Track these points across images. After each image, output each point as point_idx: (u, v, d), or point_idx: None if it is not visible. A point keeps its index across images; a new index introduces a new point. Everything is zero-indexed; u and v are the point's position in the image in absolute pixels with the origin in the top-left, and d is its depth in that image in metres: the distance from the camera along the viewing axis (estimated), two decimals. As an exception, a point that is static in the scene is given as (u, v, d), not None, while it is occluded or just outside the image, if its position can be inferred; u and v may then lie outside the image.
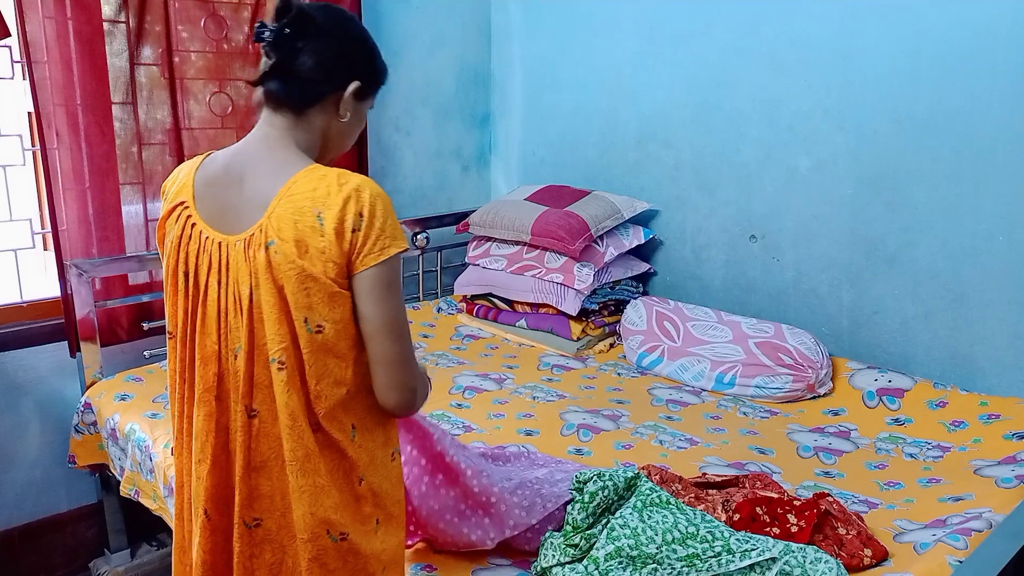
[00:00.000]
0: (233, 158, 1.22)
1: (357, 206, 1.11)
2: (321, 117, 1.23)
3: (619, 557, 1.36)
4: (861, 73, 2.39)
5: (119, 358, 2.49)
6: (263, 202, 1.15)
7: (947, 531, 1.57)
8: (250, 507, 1.20)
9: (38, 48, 2.22)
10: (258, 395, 1.17)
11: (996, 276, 2.20)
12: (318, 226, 1.11)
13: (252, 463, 1.19)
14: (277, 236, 1.12)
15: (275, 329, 1.13)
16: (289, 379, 1.14)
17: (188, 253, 1.20)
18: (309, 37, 1.18)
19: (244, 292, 1.15)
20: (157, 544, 2.55)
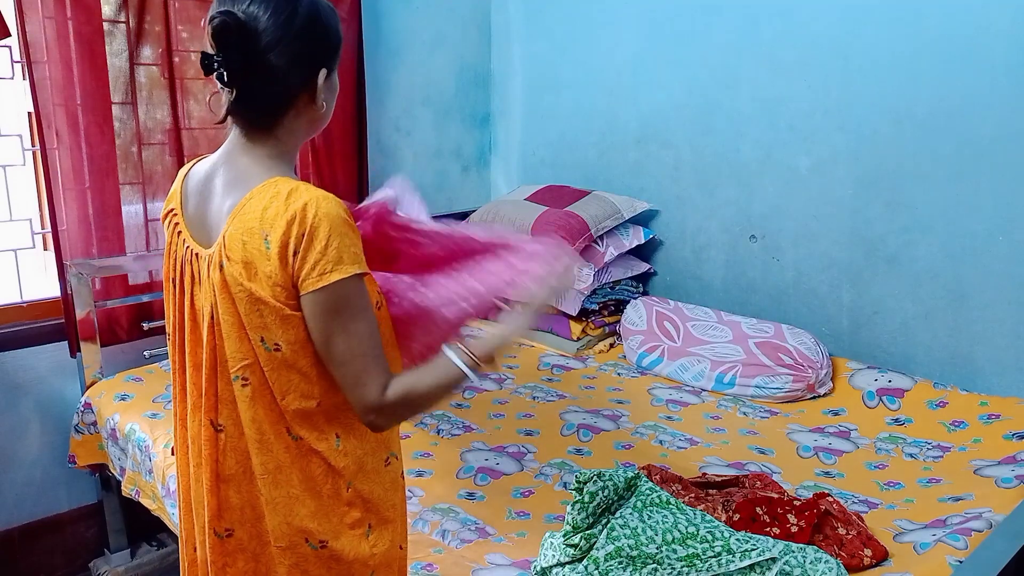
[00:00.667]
0: (211, 167, 1.19)
1: (300, 228, 1.04)
2: (298, 118, 1.16)
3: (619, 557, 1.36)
4: (861, 73, 2.39)
5: (119, 358, 2.49)
6: (221, 219, 1.12)
7: (947, 531, 1.57)
8: (220, 518, 1.19)
9: (38, 48, 2.22)
10: (223, 410, 1.15)
11: (996, 276, 2.20)
12: (264, 250, 1.06)
13: (221, 475, 1.18)
14: (228, 257, 1.09)
15: (236, 347, 1.12)
16: (254, 395, 1.13)
17: (176, 260, 1.20)
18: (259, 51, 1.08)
19: (207, 312, 1.14)
20: (157, 544, 2.55)
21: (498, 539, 1.65)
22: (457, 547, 1.61)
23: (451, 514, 1.74)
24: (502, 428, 2.16)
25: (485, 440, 2.09)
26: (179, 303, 1.20)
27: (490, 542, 1.63)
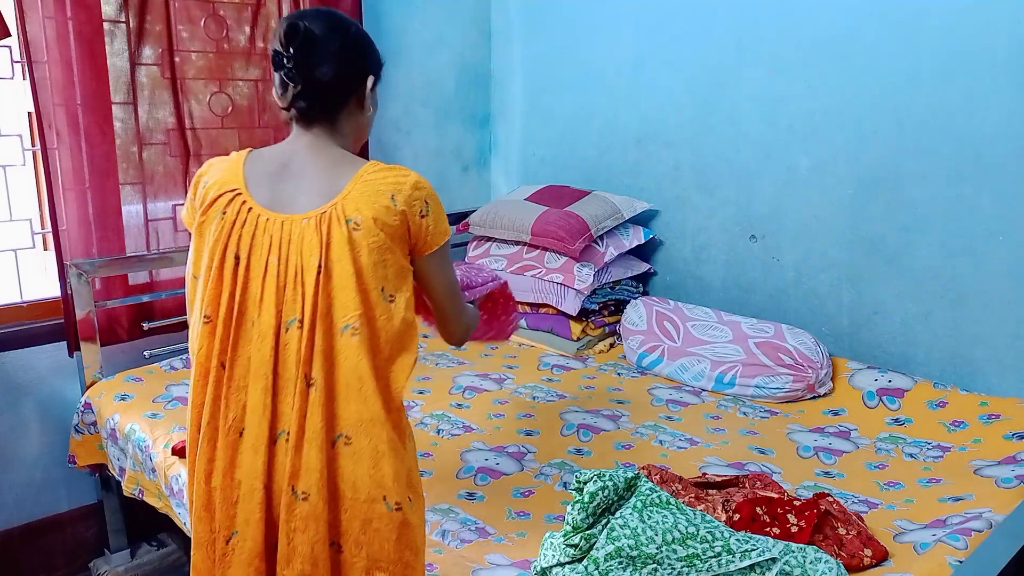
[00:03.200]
0: (283, 155, 1.33)
1: (422, 192, 1.29)
2: (350, 117, 1.37)
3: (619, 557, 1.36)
4: (861, 73, 2.39)
5: (119, 358, 2.49)
6: (328, 190, 1.27)
7: (947, 531, 1.57)
8: (298, 478, 1.22)
9: (38, 48, 2.22)
10: (316, 362, 1.22)
11: (996, 276, 2.20)
12: (391, 206, 1.26)
13: (305, 433, 1.23)
14: (356, 213, 1.24)
15: (351, 297, 1.23)
16: (362, 344, 1.23)
17: (242, 236, 1.27)
18: (320, 53, 1.28)
19: (310, 264, 1.23)
20: (157, 544, 2.55)
21: (498, 539, 1.65)
22: (457, 547, 1.61)
23: (451, 514, 1.74)
24: (502, 428, 2.16)
25: (485, 440, 2.09)
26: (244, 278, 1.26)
27: (490, 542, 1.63)
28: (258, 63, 2.70)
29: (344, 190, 1.27)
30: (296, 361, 1.23)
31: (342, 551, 1.25)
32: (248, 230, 1.27)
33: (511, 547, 1.62)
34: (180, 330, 2.60)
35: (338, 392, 1.23)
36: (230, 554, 1.27)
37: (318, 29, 1.28)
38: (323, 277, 1.23)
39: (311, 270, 1.23)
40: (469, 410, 2.26)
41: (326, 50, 1.29)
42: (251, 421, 1.25)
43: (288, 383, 1.24)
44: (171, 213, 2.58)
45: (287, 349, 1.24)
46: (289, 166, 1.31)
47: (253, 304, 1.26)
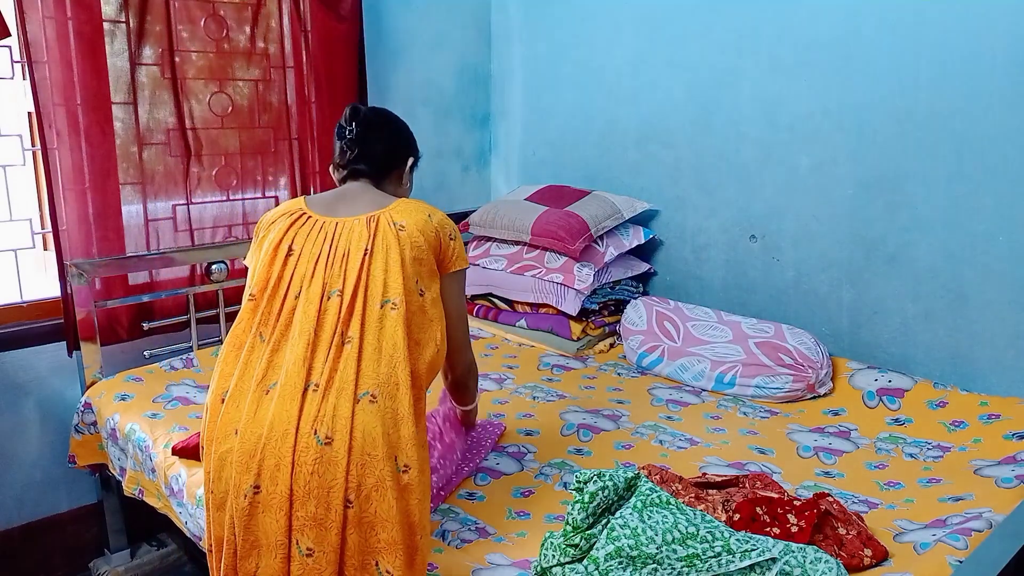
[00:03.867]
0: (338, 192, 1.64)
1: (450, 226, 1.59)
2: (390, 185, 1.69)
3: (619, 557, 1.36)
4: (861, 73, 2.39)
5: (119, 358, 2.49)
6: (376, 205, 1.57)
7: (947, 531, 1.57)
8: (322, 423, 1.34)
9: (38, 48, 2.22)
10: (355, 324, 1.42)
11: (996, 276, 2.21)
12: (429, 223, 1.54)
13: (335, 384, 1.37)
14: (402, 220, 1.52)
15: (394, 279, 1.46)
16: (399, 318, 1.44)
17: (297, 234, 1.54)
18: (375, 133, 1.65)
19: (358, 247, 1.49)
20: (157, 544, 2.55)
21: (498, 539, 1.65)
22: (457, 547, 1.61)
23: (451, 514, 1.74)
24: (504, 428, 2.16)
25: (485, 440, 2.09)
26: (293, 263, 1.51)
27: (490, 542, 1.63)
28: (258, 63, 2.70)
29: (391, 205, 1.57)
30: (334, 323, 1.42)
31: (351, 505, 1.33)
32: (305, 229, 1.54)
33: (511, 547, 1.62)
34: (180, 330, 2.61)
35: (370, 354, 1.40)
36: (258, 504, 1.33)
37: (374, 115, 1.67)
38: (368, 259, 1.47)
39: (358, 251, 1.48)
40: (469, 410, 2.26)
41: (379, 130, 1.66)
42: (289, 372, 1.39)
43: (324, 342, 1.41)
44: (171, 213, 2.58)
45: (327, 314, 1.43)
46: (345, 196, 1.62)
47: (300, 281, 1.47)
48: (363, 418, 1.35)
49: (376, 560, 1.34)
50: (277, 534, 1.33)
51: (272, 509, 1.33)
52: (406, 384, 1.40)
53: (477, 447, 1.99)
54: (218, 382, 1.46)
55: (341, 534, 1.32)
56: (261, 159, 2.75)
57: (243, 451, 1.36)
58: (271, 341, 1.44)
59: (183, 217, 2.61)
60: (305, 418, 1.35)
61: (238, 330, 1.49)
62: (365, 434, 1.34)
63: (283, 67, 2.75)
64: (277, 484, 1.32)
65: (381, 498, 1.33)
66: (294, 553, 1.32)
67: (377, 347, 1.41)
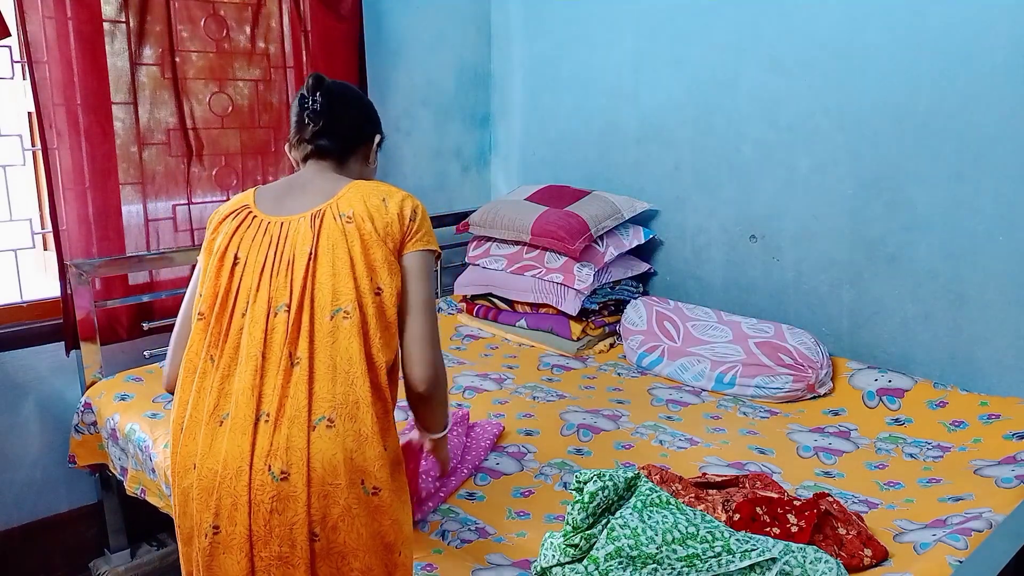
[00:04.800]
0: (289, 181, 1.49)
1: (412, 204, 1.41)
2: (355, 164, 1.54)
3: (619, 557, 1.36)
4: (861, 73, 2.39)
5: (119, 358, 2.49)
6: (324, 196, 1.40)
7: (947, 531, 1.57)
8: (277, 457, 1.24)
9: (38, 48, 2.22)
10: (302, 344, 1.29)
11: (996, 276, 2.21)
12: (383, 206, 1.38)
13: (287, 413, 1.26)
14: (349, 209, 1.36)
15: (344, 284, 1.31)
16: (353, 328, 1.29)
17: (243, 239, 1.38)
18: (341, 106, 1.50)
19: (302, 251, 1.34)
20: (157, 544, 2.55)
21: (498, 539, 1.65)
22: (457, 547, 1.61)
23: (451, 514, 1.74)
24: (502, 428, 2.16)
25: (485, 440, 2.09)
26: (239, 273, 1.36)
27: (490, 542, 1.63)
28: (258, 63, 2.70)
29: (339, 193, 1.40)
30: (282, 342, 1.28)
31: (318, 539, 1.24)
32: (251, 233, 1.38)
33: (511, 547, 1.62)
34: (180, 330, 2.60)
35: (323, 374, 1.27)
36: (218, 544, 1.25)
37: (338, 86, 1.52)
38: (312, 264, 1.32)
39: (303, 256, 1.33)
40: (469, 410, 2.26)
41: (346, 103, 1.51)
42: (239, 403, 1.27)
43: (273, 365, 1.28)
44: (171, 213, 2.58)
45: (275, 332, 1.30)
46: (294, 186, 1.46)
47: (247, 295, 1.33)
48: (320, 446, 1.24)
49: None
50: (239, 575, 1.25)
51: (233, 550, 1.24)
52: (367, 401, 1.27)
53: (476, 447, 1.98)
54: (176, 410, 1.36)
55: (311, 569, 1.24)
56: (261, 159, 2.75)
57: (201, 488, 1.27)
58: (220, 366, 1.31)
59: (183, 217, 2.61)
60: (258, 452, 1.24)
61: (191, 353, 1.36)
62: (324, 463, 1.24)
63: (283, 67, 2.75)
64: (236, 524, 1.24)
65: (349, 527, 1.25)
66: None
67: (331, 365, 1.27)
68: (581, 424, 2.18)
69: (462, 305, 3.08)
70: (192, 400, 1.32)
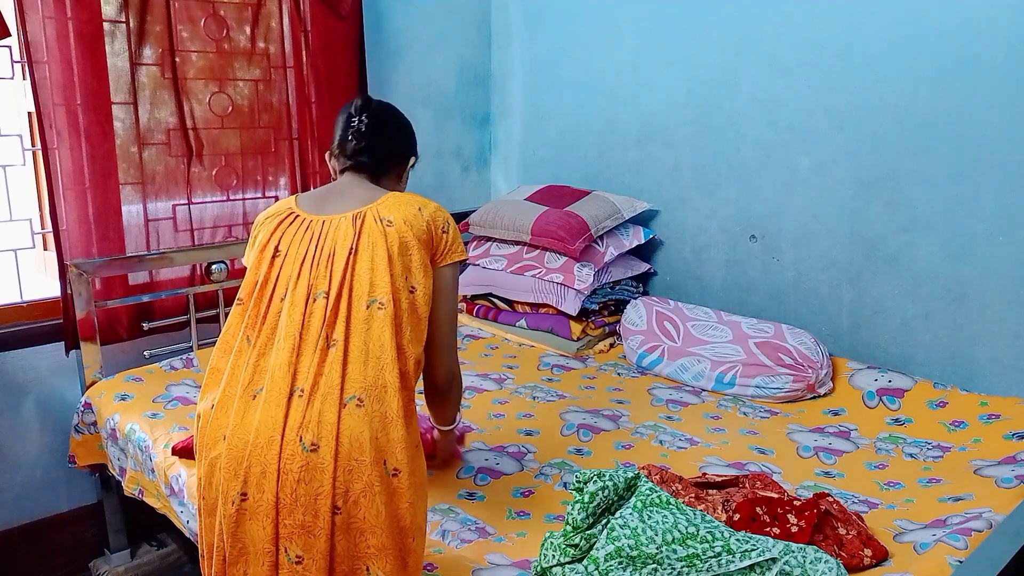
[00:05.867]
0: (329, 187, 1.61)
1: (445, 216, 1.54)
2: (388, 182, 1.64)
3: (619, 557, 1.36)
4: (861, 73, 2.39)
5: (119, 358, 2.49)
6: (363, 201, 1.51)
7: (947, 531, 1.57)
8: (308, 429, 1.31)
9: (38, 48, 2.22)
10: (340, 327, 1.38)
11: (996, 276, 2.20)
12: (419, 215, 1.49)
13: (321, 389, 1.34)
14: (389, 214, 1.47)
15: (381, 279, 1.41)
16: (386, 319, 1.39)
17: (284, 234, 1.50)
18: (383, 128, 1.62)
19: (343, 246, 1.44)
20: (157, 544, 2.55)
21: (498, 539, 1.65)
22: (457, 547, 1.61)
23: (451, 514, 1.74)
24: (502, 428, 2.16)
25: (485, 440, 2.09)
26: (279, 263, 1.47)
27: (490, 542, 1.63)
28: (258, 63, 2.70)
29: (378, 200, 1.52)
30: (320, 326, 1.38)
31: (339, 512, 1.30)
32: (292, 229, 1.50)
33: (511, 547, 1.62)
34: (180, 330, 2.61)
35: (356, 356, 1.36)
36: (245, 511, 1.32)
37: (382, 109, 1.65)
38: (353, 258, 1.43)
39: (343, 251, 1.43)
40: (469, 410, 2.26)
41: (387, 125, 1.64)
42: (274, 377, 1.36)
43: (310, 346, 1.38)
44: (171, 213, 2.58)
45: (313, 317, 1.39)
46: (333, 192, 1.57)
47: (287, 283, 1.44)
48: (350, 423, 1.32)
49: (367, 565, 1.32)
50: (264, 541, 1.31)
51: (259, 516, 1.31)
52: (394, 386, 1.36)
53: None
54: (207, 386, 1.45)
55: (330, 541, 1.30)
56: (261, 159, 2.75)
57: (231, 457, 1.34)
58: (257, 345, 1.41)
59: (183, 217, 2.61)
60: (291, 425, 1.32)
61: (227, 335, 1.47)
62: (352, 439, 1.31)
63: (283, 67, 2.75)
64: (264, 492, 1.30)
65: (369, 503, 1.31)
66: (282, 560, 1.31)
67: (364, 349, 1.37)
68: (581, 424, 2.18)
69: (462, 305, 3.08)
70: (226, 377, 1.41)
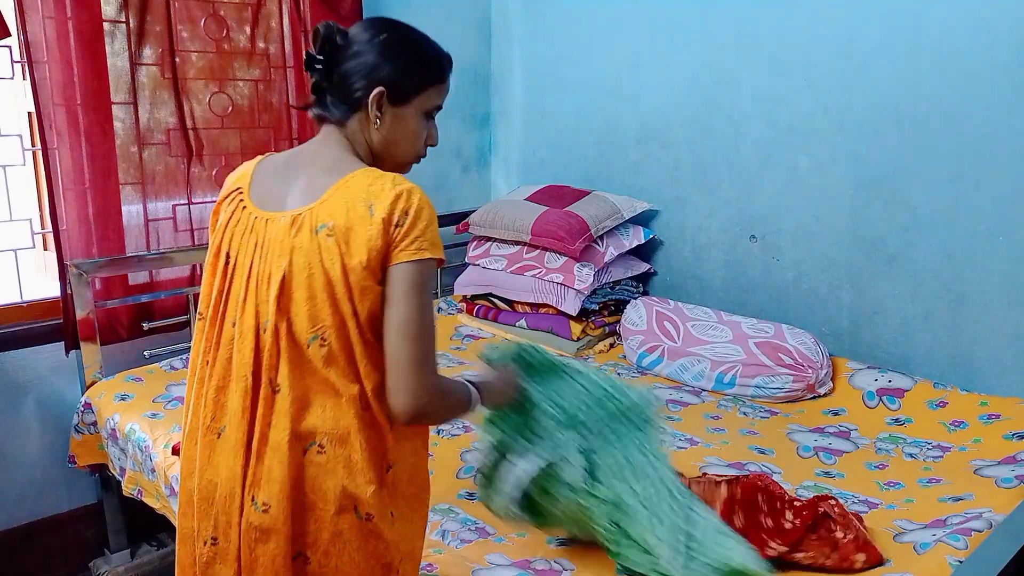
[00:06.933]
0: (293, 155, 1.31)
1: (405, 205, 1.17)
2: (359, 125, 1.28)
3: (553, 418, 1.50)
4: (861, 73, 2.39)
5: (119, 358, 2.49)
6: (316, 190, 1.21)
7: (947, 531, 1.57)
8: (259, 487, 1.19)
9: (38, 48, 2.22)
10: (283, 369, 1.18)
11: (996, 276, 2.20)
12: (368, 215, 1.16)
13: (270, 441, 1.18)
14: (329, 218, 1.17)
15: (318, 308, 1.17)
16: (330, 356, 1.17)
17: (233, 234, 1.26)
18: (342, 52, 1.26)
19: (277, 267, 1.19)
20: (157, 544, 2.55)
21: (498, 539, 1.65)
22: (457, 547, 1.61)
23: (451, 514, 1.74)
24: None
25: (485, 440, 2.09)
26: (231, 276, 1.25)
27: (490, 542, 1.63)
28: (258, 63, 2.70)
29: (325, 194, 1.20)
30: (268, 365, 1.19)
31: (309, 562, 1.20)
32: (239, 229, 1.26)
33: (511, 547, 1.62)
34: (180, 330, 2.60)
35: (306, 403, 1.19)
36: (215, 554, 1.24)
37: (352, 30, 1.29)
38: (288, 286, 1.18)
39: (278, 273, 1.19)
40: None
41: (348, 49, 1.26)
42: (231, 424, 1.22)
43: (260, 390, 1.20)
44: (171, 213, 2.58)
45: (263, 353, 1.20)
46: (292, 165, 1.29)
47: (235, 304, 1.23)
48: (312, 471, 1.19)
49: None
50: None
51: (228, 563, 1.23)
52: (355, 428, 1.18)
53: None
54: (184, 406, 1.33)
55: None
56: (261, 159, 2.75)
57: (202, 497, 1.24)
58: (215, 376, 1.24)
59: (183, 217, 2.61)
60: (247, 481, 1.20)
61: (193, 353, 1.30)
62: (314, 489, 1.19)
63: (283, 67, 2.75)
64: (230, 542, 1.22)
65: (340, 552, 1.19)
66: None
67: (316, 391, 1.19)
68: (581, 424, 2.17)
69: (462, 305, 3.08)
70: (191, 408, 1.29)
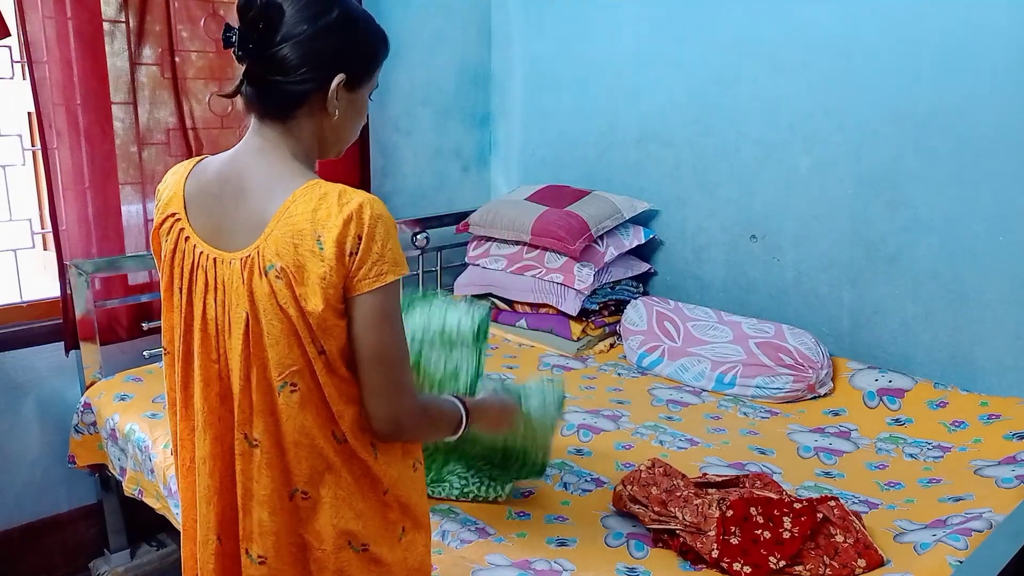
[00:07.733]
0: (227, 168, 1.14)
1: (357, 228, 1.04)
2: (310, 119, 1.13)
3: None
4: (861, 73, 2.39)
5: (119, 358, 2.49)
6: (260, 220, 1.08)
7: (947, 531, 1.57)
8: (252, 540, 1.15)
9: (38, 48, 2.22)
10: (258, 423, 1.11)
11: (996, 276, 2.20)
12: (317, 251, 1.04)
13: (256, 495, 1.13)
14: (276, 259, 1.05)
15: (284, 353, 1.08)
16: (303, 401, 1.10)
17: (182, 269, 1.14)
18: (280, 33, 1.06)
19: (238, 315, 1.09)
20: (157, 544, 2.55)
21: (498, 539, 1.65)
22: (457, 547, 1.61)
23: (451, 514, 1.74)
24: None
25: (485, 440, 2.09)
26: (187, 315, 1.14)
27: (490, 542, 1.63)
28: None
29: (268, 226, 1.06)
30: (238, 422, 1.12)
31: None
32: (187, 264, 1.14)
33: (511, 547, 1.61)
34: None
35: (286, 452, 1.12)
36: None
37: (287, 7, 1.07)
38: (252, 331, 1.09)
39: (239, 323, 1.09)
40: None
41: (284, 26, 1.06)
42: (202, 473, 1.17)
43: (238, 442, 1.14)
44: (171, 213, 2.58)
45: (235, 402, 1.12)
46: (231, 181, 1.12)
47: (198, 347, 1.14)
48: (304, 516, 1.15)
49: None
50: None
51: None
52: (337, 465, 1.13)
53: None
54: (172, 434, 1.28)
55: None
56: (261, 159, 2.75)
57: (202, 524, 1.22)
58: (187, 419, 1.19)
59: (183, 217, 2.61)
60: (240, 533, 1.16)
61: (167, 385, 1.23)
62: (310, 532, 1.15)
63: (283, 67, 2.75)
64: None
65: None
66: None
67: (292, 441, 1.11)
68: (581, 424, 2.17)
69: (462, 305, 3.08)
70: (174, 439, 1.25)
